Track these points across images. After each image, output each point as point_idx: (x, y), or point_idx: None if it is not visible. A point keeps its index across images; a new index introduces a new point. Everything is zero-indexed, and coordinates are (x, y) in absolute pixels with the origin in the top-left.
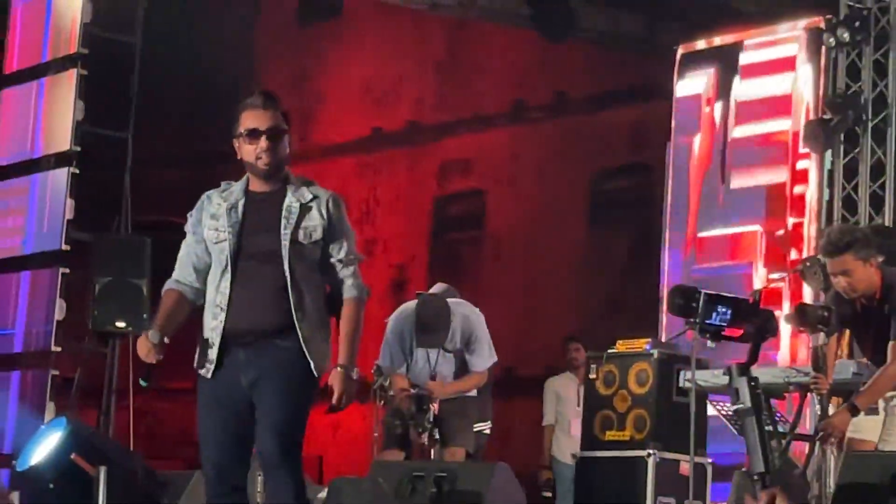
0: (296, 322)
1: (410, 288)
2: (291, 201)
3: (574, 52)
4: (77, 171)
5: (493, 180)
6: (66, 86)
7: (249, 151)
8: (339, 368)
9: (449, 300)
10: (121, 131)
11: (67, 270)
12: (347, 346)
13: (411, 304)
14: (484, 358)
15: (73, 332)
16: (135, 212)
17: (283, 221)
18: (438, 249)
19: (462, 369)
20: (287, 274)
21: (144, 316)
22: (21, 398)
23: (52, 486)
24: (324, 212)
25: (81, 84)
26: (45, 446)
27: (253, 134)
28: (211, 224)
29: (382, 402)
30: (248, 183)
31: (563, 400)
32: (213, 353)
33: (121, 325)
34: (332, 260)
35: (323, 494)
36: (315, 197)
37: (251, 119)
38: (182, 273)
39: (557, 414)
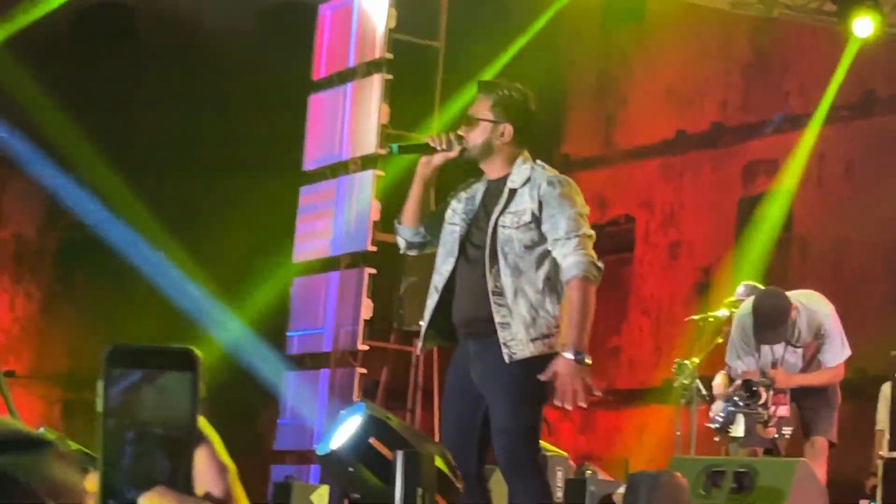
0: (493, 311)
1: (714, 291)
2: (505, 186)
3: (881, 49)
4: (382, 174)
5: (800, 181)
6: (371, 90)
7: None
8: (561, 355)
9: (794, 293)
10: (424, 134)
11: (374, 271)
12: (571, 330)
13: (752, 297)
14: (835, 352)
15: (379, 332)
16: None
17: (495, 208)
18: (743, 251)
19: (813, 364)
20: (486, 262)
21: None
22: (330, 396)
23: (351, 469)
24: (535, 194)
25: (386, 88)
26: (344, 431)
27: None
28: (453, 205)
29: (684, 401)
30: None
31: None
32: (422, 331)
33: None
34: (549, 240)
35: (622, 490)
36: (528, 180)
37: None
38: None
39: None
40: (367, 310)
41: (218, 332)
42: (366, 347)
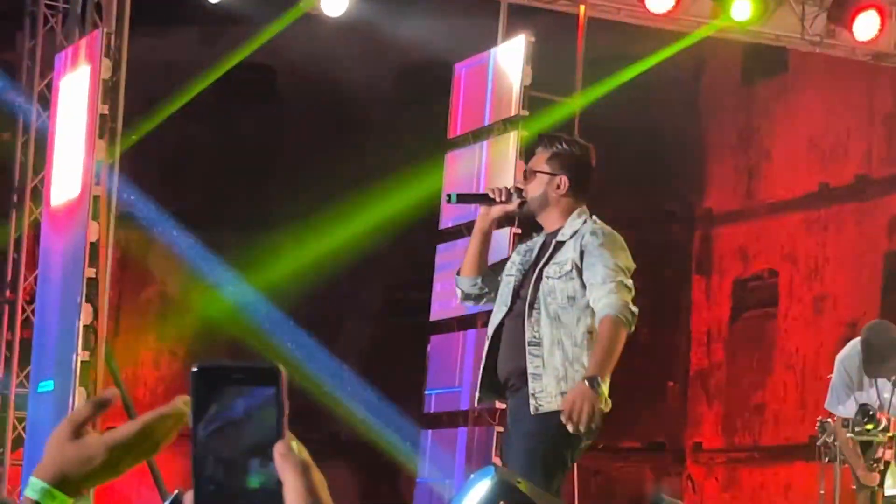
0: (527, 361)
1: None
2: (553, 239)
3: None
4: (519, 231)
5: None
6: (507, 147)
7: None
8: (582, 381)
9: None
10: None
11: None
12: (594, 359)
13: (855, 339)
14: None
15: None
16: None
17: (541, 260)
18: (890, 306)
19: None
20: (525, 311)
21: None
22: (467, 454)
23: None
24: (578, 244)
25: (522, 146)
26: (473, 496)
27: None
28: (513, 258)
29: (827, 459)
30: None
31: None
32: (477, 381)
33: None
34: (587, 286)
35: None
36: (574, 233)
37: None
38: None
39: None
40: None
41: (355, 391)
42: (503, 406)
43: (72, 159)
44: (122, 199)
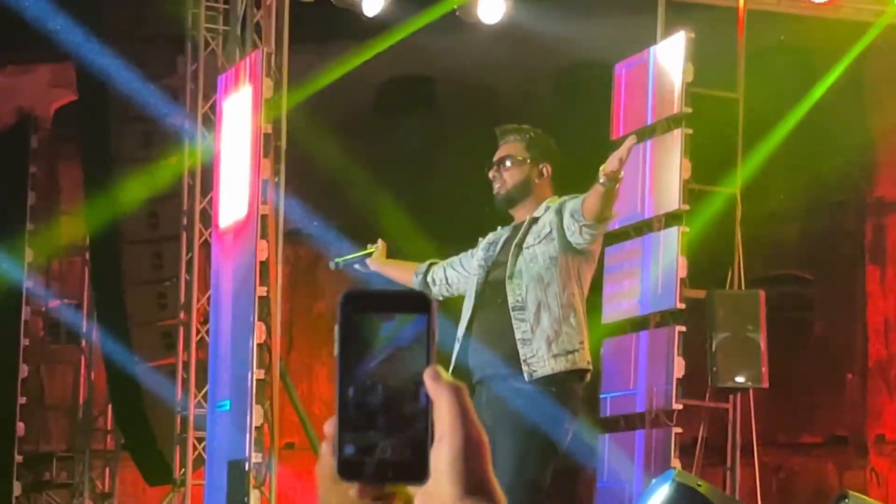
0: (513, 327)
1: None
2: (528, 220)
3: None
4: (686, 230)
5: None
6: (672, 146)
7: None
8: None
9: None
10: (728, 187)
11: (684, 328)
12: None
13: None
14: None
15: (694, 390)
16: (749, 267)
17: (515, 240)
18: None
19: None
20: (506, 278)
21: (763, 370)
22: (646, 457)
23: None
24: (553, 209)
25: (686, 143)
26: (655, 500)
27: (490, 165)
28: (477, 255)
29: None
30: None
31: None
32: None
33: (740, 380)
34: (568, 207)
35: None
36: (548, 207)
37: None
38: (443, 266)
39: None
40: (679, 368)
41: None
42: (680, 406)
43: (238, 179)
44: (288, 216)
